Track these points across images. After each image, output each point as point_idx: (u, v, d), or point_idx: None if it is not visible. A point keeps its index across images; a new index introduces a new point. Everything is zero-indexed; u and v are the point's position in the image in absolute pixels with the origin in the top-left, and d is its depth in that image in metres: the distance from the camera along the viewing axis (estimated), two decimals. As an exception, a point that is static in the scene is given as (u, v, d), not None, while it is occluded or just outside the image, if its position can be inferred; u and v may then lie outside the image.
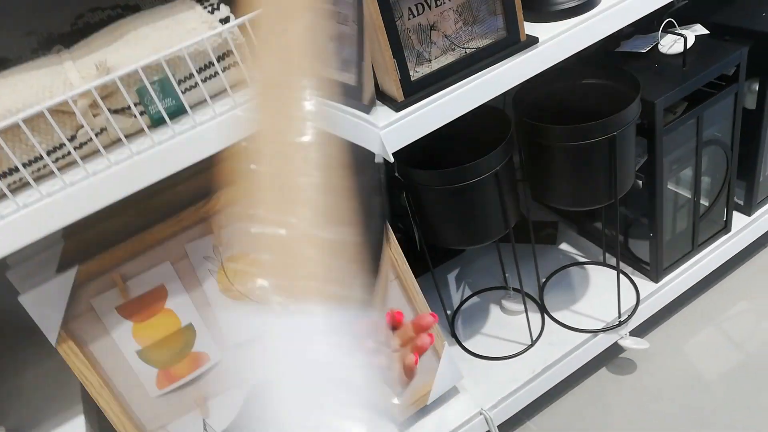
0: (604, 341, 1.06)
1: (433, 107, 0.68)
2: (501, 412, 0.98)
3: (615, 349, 1.08)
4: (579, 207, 0.96)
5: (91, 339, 0.67)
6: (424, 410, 0.96)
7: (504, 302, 1.15)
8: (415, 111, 0.68)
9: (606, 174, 0.90)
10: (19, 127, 0.55)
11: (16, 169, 0.58)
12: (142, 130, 0.63)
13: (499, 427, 0.99)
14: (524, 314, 1.04)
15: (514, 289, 1.15)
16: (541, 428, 1.05)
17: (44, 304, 0.63)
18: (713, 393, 1.02)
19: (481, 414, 0.97)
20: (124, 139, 0.60)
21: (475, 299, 1.22)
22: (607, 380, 1.10)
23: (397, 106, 0.68)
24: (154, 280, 0.68)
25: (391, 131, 0.67)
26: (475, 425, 0.97)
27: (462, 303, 1.21)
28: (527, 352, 1.06)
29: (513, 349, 1.07)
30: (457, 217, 0.88)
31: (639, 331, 1.11)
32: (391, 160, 0.68)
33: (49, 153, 0.59)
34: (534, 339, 1.07)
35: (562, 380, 1.05)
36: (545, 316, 1.11)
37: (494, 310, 1.17)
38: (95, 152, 0.63)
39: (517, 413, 1.01)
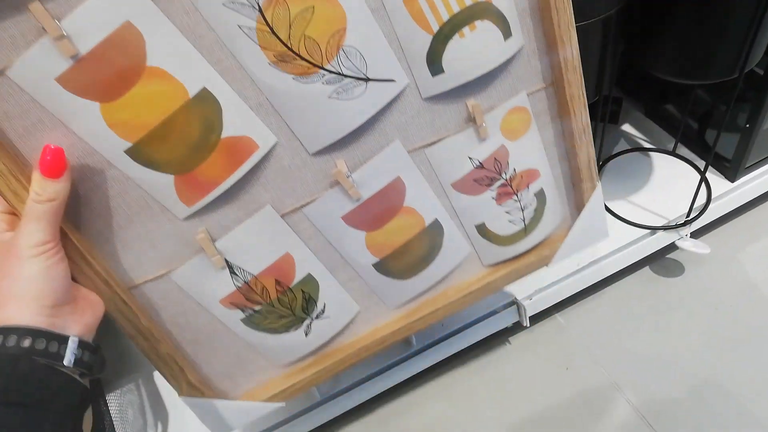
0: (661, 240, 0.90)
1: None
2: (536, 303, 0.85)
3: (663, 249, 0.93)
4: (692, 78, 0.75)
5: (24, 133, 0.40)
6: None
7: None
8: None
9: (739, 38, 0.68)
10: None
11: None
12: None
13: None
14: None
15: None
16: (570, 324, 0.91)
17: None
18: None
19: (514, 303, 0.84)
20: None
21: None
22: (648, 280, 0.95)
23: None
24: (110, 14, 0.38)
25: None
26: (505, 314, 0.85)
27: None
28: None
29: None
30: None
31: (696, 234, 0.95)
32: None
33: None
34: None
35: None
36: None
37: None
38: None
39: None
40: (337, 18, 0.43)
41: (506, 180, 0.57)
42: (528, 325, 0.87)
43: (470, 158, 0.54)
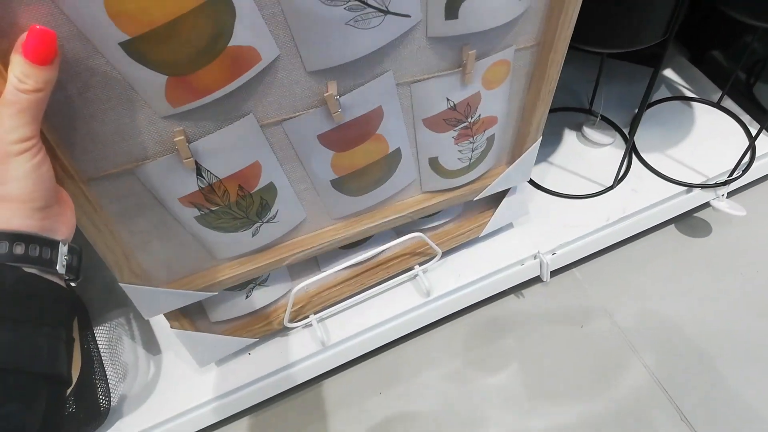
0: (696, 198, 0.84)
1: None
2: (558, 258, 0.80)
3: (694, 208, 0.88)
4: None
5: (10, 8, 0.32)
6: (471, 241, 0.78)
7: (586, 129, 0.89)
8: None
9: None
10: None
11: None
12: None
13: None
14: (608, 148, 0.84)
15: (602, 117, 0.90)
16: (588, 279, 0.86)
17: None
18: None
19: (535, 258, 0.79)
20: None
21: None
22: (673, 239, 0.89)
23: None
24: None
25: None
26: (525, 268, 0.79)
27: None
28: (604, 195, 0.83)
29: (586, 188, 0.84)
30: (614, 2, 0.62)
31: (729, 194, 0.88)
32: None
33: None
34: (615, 181, 0.83)
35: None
36: (632, 155, 0.87)
37: (570, 137, 0.90)
38: None
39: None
40: (380, -55, 0.39)
41: (469, 123, 0.58)
42: (547, 280, 0.82)
43: (447, 99, 0.55)
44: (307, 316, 0.71)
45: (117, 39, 0.36)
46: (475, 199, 0.70)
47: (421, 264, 0.75)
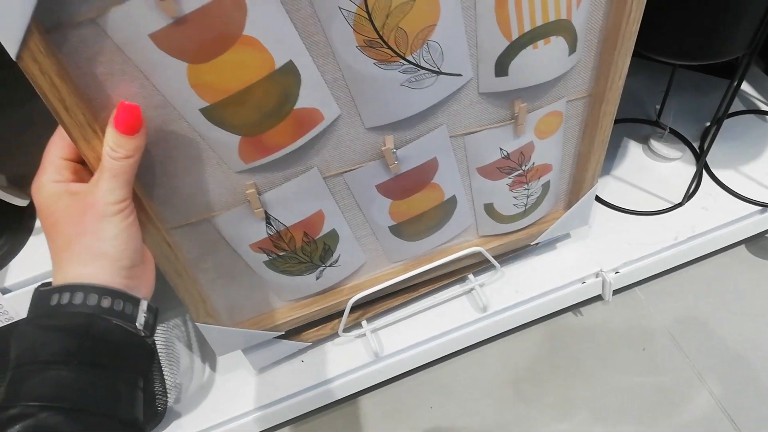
0: None
1: None
2: (622, 277, 0.75)
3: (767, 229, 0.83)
4: None
5: (104, 83, 0.37)
6: (527, 252, 0.75)
7: (653, 142, 0.85)
8: None
9: None
10: None
11: None
12: None
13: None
14: (676, 162, 0.81)
15: (671, 130, 0.86)
16: (651, 299, 0.82)
17: None
18: None
19: (597, 276, 0.75)
20: None
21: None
22: (743, 261, 0.84)
23: None
24: None
25: None
26: (587, 286, 0.75)
27: None
28: (672, 212, 0.79)
29: (653, 204, 0.80)
30: (696, 11, 0.58)
31: None
32: None
33: None
34: (685, 197, 0.79)
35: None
36: (704, 171, 0.82)
37: (635, 150, 0.87)
38: None
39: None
40: (432, 14, 0.42)
41: (524, 171, 0.59)
42: (609, 299, 0.78)
43: (501, 149, 0.56)
44: (361, 326, 0.70)
45: (198, 106, 0.40)
46: (532, 244, 0.70)
47: (477, 275, 0.73)
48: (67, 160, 0.39)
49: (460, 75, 0.48)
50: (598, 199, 0.80)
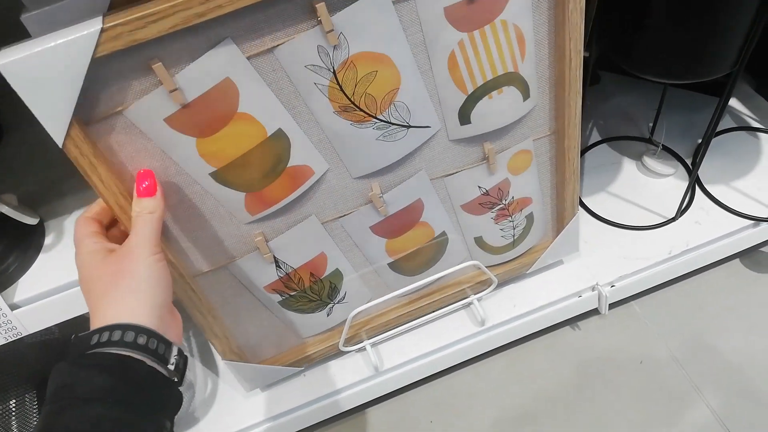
0: (764, 233, 0.82)
1: None
2: (618, 291, 0.78)
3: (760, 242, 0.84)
4: None
5: (131, 158, 0.46)
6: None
7: (647, 159, 0.88)
8: None
9: None
10: None
11: None
12: None
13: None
14: (669, 179, 0.84)
15: (664, 146, 0.89)
16: (647, 313, 0.85)
17: (41, 84, 0.39)
18: None
19: (594, 290, 0.78)
20: None
21: (605, 147, 0.93)
22: (738, 274, 0.87)
23: None
24: (215, 71, 0.44)
25: None
26: (583, 300, 0.78)
27: (587, 148, 0.93)
28: (666, 227, 0.82)
29: (647, 219, 0.83)
30: (682, 31, 0.60)
31: None
32: None
33: None
34: (678, 212, 0.82)
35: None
36: (696, 187, 0.86)
37: (629, 167, 0.91)
38: None
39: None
40: (394, 80, 0.50)
41: (505, 205, 0.66)
42: (606, 313, 0.80)
43: (479, 186, 0.63)
44: (362, 340, 0.73)
45: (207, 171, 0.49)
46: (527, 272, 0.75)
47: (476, 292, 0.76)
48: (98, 233, 0.46)
49: (428, 127, 0.55)
50: (593, 214, 0.85)
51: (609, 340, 0.82)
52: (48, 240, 0.59)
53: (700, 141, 0.90)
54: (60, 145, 0.42)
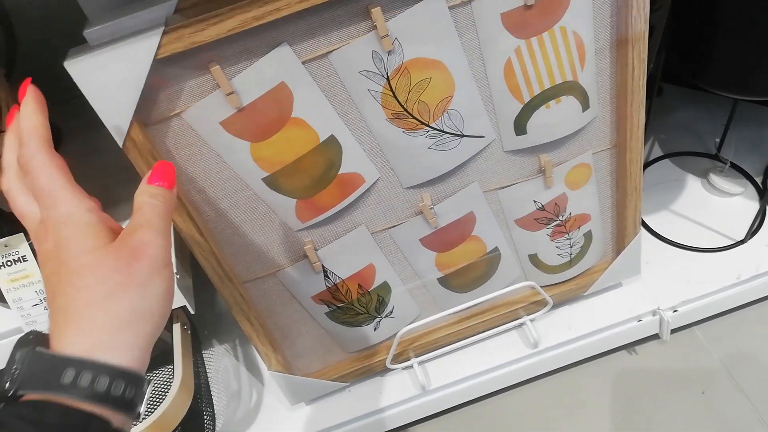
0: None
1: None
2: (680, 317, 0.74)
3: None
4: None
5: (186, 159, 0.47)
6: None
7: (713, 177, 0.84)
8: None
9: None
10: None
11: None
12: None
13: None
14: (738, 198, 0.80)
15: (732, 164, 0.84)
16: (710, 338, 0.79)
17: (105, 84, 0.39)
18: None
19: (655, 314, 0.74)
20: None
21: (667, 163, 0.89)
22: None
23: None
24: (270, 75, 0.44)
25: None
26: (643, 325, 0.74)
27: (649, 164, 0.89)
28: (734, 249, 0.77)
29: (713, 240, 0.79)
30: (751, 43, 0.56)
31: None
32: None
33: None
34: (748, 234, 0.77)
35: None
36: (766, 205, 0.80)
37: (694, 184, 0.86)
38: None
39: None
40: (448, 87, 0.49)
41: (561, 221, 0.63)
42: (667, 339, 0.76)
43: (534, 201, 0.61)
44: (409, 358, 0.71)
45: (260, 176, 0.50)
46: (585, 293, 0.71)
47: (529, 313, 0.72)
48: (93, 201, 0.34)
49: (482, 136, 0.54)
50: (655, 234, 0.80)
51: (668, 367, 0.77)
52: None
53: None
54: (120, 145, 0.43)
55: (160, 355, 0.79)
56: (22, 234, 0.53)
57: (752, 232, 0.78)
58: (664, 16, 0.59)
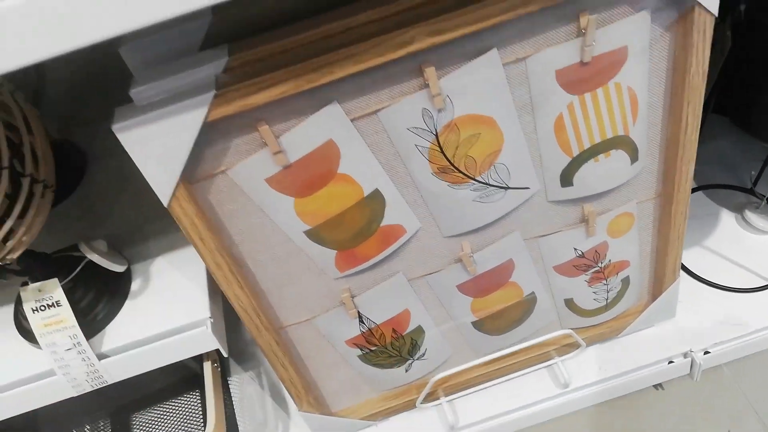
0: None
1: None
2: (712, 358, 0.73)
3: None
4: None
5: (228, 215, 0.46)
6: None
7: (748, 213, 0.82)
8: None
9: None
10: None
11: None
12: None
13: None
14: None
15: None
16: (738, 377, 0.77)
17: (153, 148, 0.40)
18: None
19: (686, 357, 0.72)
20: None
21: (700, 196, 0.86)
22: None
23: None
24: (319, 133, 0.43)
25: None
26: (674, 366, 0.73)
27: None
28: (767, 290, 0.76)
29: (748, 280, 0.76)
30: None
31: None
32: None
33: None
34: None
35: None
36: None
37: (728, 220, 0.84)
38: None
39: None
40: (496, 141, 0.48)
41: (600, 268, 0.62)
42: (698, 379, 0.74)
43: (575, 248, 0.59)
44: (438, 397, 0.70)
45: (302, 229, 0.48)
46: (618, 336, 0.70)
47: (561, 354, 0.72)
48: None
49: (527, 188, 0.53)
50: (687, 271, 0.78)
51: (694, 404, 0.75)
52: (134, 286, 0.59)
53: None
54: (165, 205, 0.42)
55: (187, 381, 0.79)
56: (56, 279, 0.52)
57: (789, 273, 0.76)
58: (721, 59, 0.57)
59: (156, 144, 0.39)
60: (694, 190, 0.89)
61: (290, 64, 0.39)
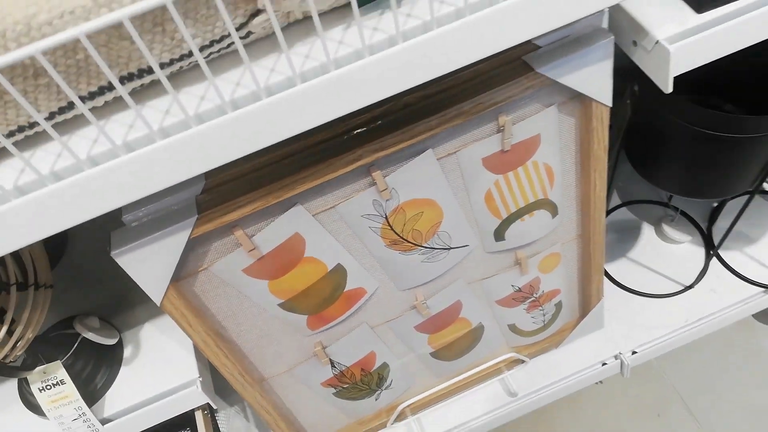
0: None
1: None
2: (638, 357, 0.83)
3: None
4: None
5: (211, 300, 0.53)
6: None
7: (664, 226, 0.92)
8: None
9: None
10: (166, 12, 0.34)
11: (149, 71, 0.39)
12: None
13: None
14: (687, 245, 0.89)
15: (682, 212, 0.92)
16: (665, 369, 0.88)
17: (146, 264, 0.47)
18: None
19: (616, 358, 0.82)
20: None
21: (625, 211, 0.96)
22: (754, 330, 0.90)
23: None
24: (286, 229, 0.51)
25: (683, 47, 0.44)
26: (607, 368, 0.82)
27: (608, 212, 0.95)
28: (682, 294, 0.86)
29: (665, 287, 0.87)
30: (705, 167, 0.66)
31: None
32: (670, 89, 0.46)
33: (202, 49, 0.39)
34: (694, 280, 0.86)
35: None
36: (711, 253, 0.89)
37: (648, 232, 0.94)
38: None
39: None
40: (437, 215, 0.56)
41: (536, 298, 0.72)
42: (628, 376, 0.83)
43: (512, 285, 0.69)
44: (406, 417, 0.78)
45: (276, 303, 0.56)
46: (557, 348, 0.81)
47: (509, 369, 0.81)
48: None
49: (467, 245, 0.61)
50: (615, 282, 0.89)
51: (628, 394, 0.86)
52: (127, 352, 0.66)
53: (715, 204, 0.95)
54: (158, 305, 0.49)
55: (180, 422, 0.85)
56: (59, 361, 0.58)
57: (699, 277, 0.88)
58: (624, 123, 0.66)
59: (149, 262, 0.46)
60: (618, 206, 1.00)
61: (260, 181, 0.47)
